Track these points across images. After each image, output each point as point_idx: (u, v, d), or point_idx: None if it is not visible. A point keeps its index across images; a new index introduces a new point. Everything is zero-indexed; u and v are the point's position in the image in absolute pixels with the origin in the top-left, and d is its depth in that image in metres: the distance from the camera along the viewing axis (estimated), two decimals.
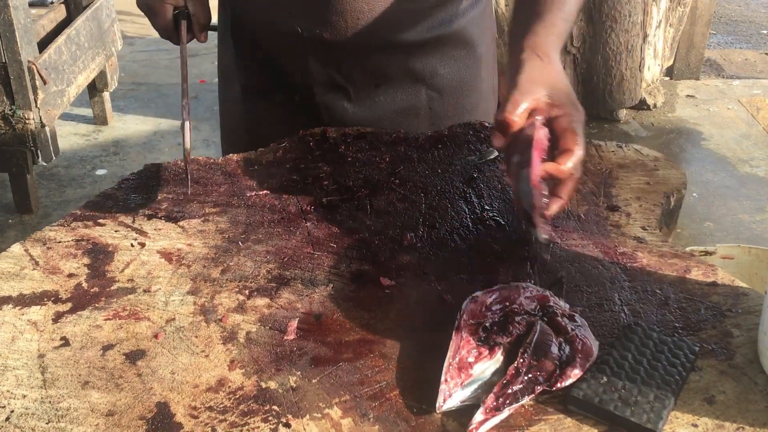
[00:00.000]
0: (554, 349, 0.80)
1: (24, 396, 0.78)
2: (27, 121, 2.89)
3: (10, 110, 2.86)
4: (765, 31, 5.68)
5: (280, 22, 1.27)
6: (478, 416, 0.74)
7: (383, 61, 1.28)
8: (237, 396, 0.78)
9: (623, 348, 0.82)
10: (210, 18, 1.27)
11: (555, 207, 0.93)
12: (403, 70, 1.30)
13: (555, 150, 0.93)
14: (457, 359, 0.80)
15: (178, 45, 1.24)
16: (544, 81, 0.96)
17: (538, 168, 0.91)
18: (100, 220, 1.08)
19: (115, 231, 1.06)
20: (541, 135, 0.93)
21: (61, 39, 3.10)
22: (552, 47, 1.01)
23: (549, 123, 0.95)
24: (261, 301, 0.92)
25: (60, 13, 3.37)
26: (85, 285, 0.95)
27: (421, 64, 1.30)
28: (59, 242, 1.03)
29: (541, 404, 0.78)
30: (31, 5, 3.11)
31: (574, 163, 0.92)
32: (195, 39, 1.27)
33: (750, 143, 3.91)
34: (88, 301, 0.92)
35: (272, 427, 0.75)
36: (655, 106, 4.20)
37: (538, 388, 0.77)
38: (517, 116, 0.93)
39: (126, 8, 4.41)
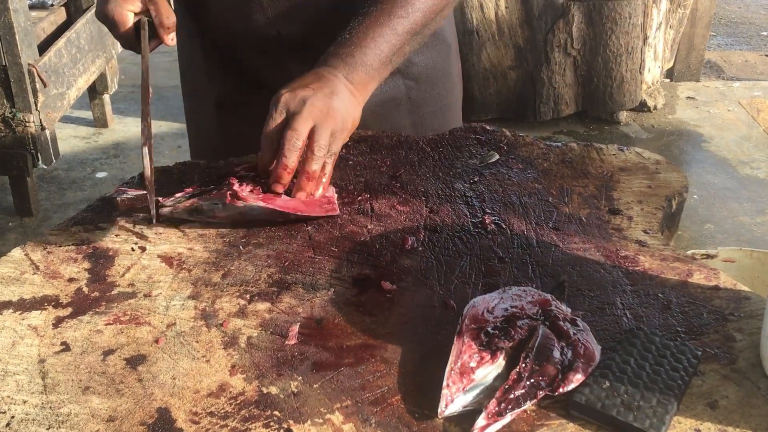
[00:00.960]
0: (556, 354, 0.80)
1: (24, 401, 0.78)
2: (27, 124, 2.89)
3: (10, 113, 2.86)
4: (765, 33, 5.68)
5: (260, 29, 1.27)
6: (480, 421, 0.74)
7: None
8: (238, 401, 0.78)
9: (625, 352, 0.82)
10: (174, 19, 1.20)
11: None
12: None
13: None
14: (458, 364, 0.79)
15: (140, 53, 1.17)
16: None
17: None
18: (101, 225, 1.08)
19: (116, 235, 1.05)
20: None
21: (61, 42, 3.10)
22: (345, 64, 1.10)
23: None
24: (262, 306, 0.92)
25: (60, 15, 3.37)
26: (85, 289, 0.95)
27: None
28: (60, 246, 1.03)
29: (543, 409, 0.77)
30: (31, 8, 3.11)
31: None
32: (162, 43, 1.20)
33: (750, 145, 3.91)
34: (88, 306, 0.92)
35: None
36: (655, 108, 4.19)
37: (541, 393, 0.77)
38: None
39: None
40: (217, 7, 1.31)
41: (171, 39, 1.20)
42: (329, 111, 1.06)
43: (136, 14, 1.17)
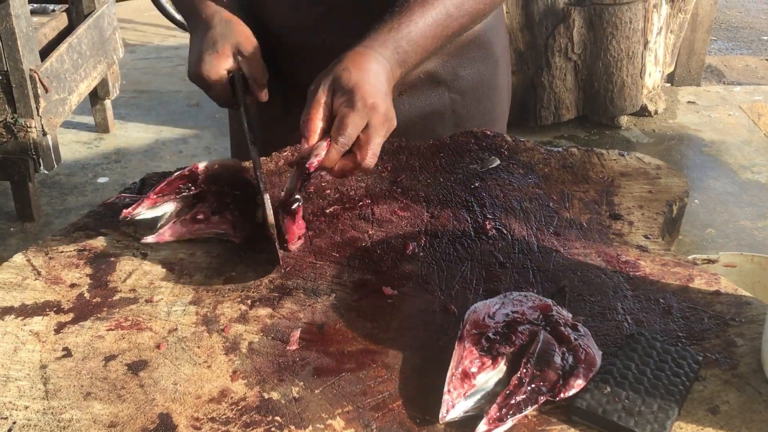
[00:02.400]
0: (557, 359, 0.80)
1: (26, 407, 0.78)
2: (29, 130, 2.89)
3: (11, 118, 2.86)
4: (766, 38, 5.69)
5: (303, 35, 1.26)
6: (482, 427, 0.74)
7: None
8: (239, 407, 0.78)
9: (626, 358, 0.82)
10: (267, 74, 1.22)
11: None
12: (425, 75, 1.30)
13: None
14: (460, 369, 0.79)
15: (239, 109, 1.18)
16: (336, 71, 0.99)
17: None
18: (102, 230, 1.08)
19: (117, 241, 1.05)
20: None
21: (62, 47, 3.11)
22: (392, 50, 1.03)
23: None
24: (263, 311, 0.92)
25: (62, 21, 3.37)
26: (87, 295, 0.95)
27: (443, 68, 1.31)
28: (61, 252, 1.03)
29: (544, 414, 0.77)
30: (32, 13, 3.12)
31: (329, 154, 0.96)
32: (257, 99, 1.22)
33: (751, 149, 3.91)
34: (90, 312, 0.92)
35: None
36: (656, 112, 4.19)
37: (542, 399, 0.77)
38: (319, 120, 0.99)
39: (127, 16, 4.41)
40: (272, 5, 1.30)
41: (264, 94, 1.22)
42: (386, 117, 1.00)
43: (229, 71, 1.19)
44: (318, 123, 0.98)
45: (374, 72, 1.00)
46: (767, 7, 6.32)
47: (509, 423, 0.75)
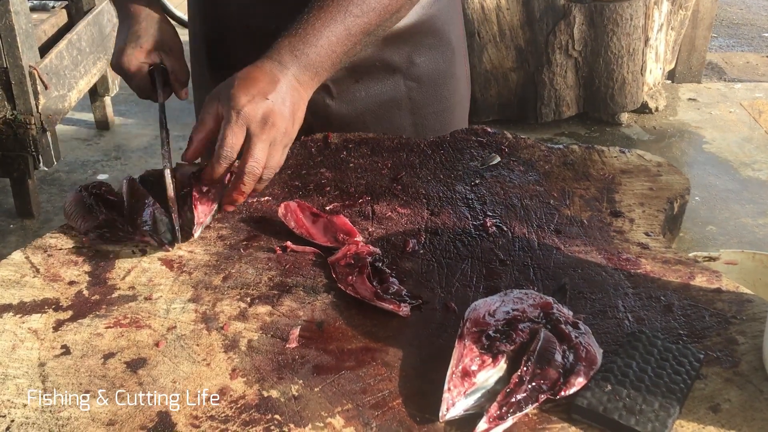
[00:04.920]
0: (558, 357, 0.80)
1: (24, 405, 0.78)
2: (28, 126, 2.88)
3: (11, 115, 2.86)
4: (766, 34, 5.68)
5: (255, 25, 1.26)
6: (482, 425, 0.74)
7: (360, 56, 1.28)
8: (239, 405, 0.78)
9: (627, 356, 0.82)
10: (188, 73, 1.28)
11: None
12: (380, 63, 1.32)
13: None
14: (460, 368, 0.79)
15: (158, 102, 1.23)
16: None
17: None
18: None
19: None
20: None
21: (62, 44, 3.10)
22: (293, 56, 1.03)
23: None
24: (263, 309, 0.92)
25: (61, 17, 3.37)
26: (85, 293, 0.95)
27: (397, 55, 1.32)
28: (60, 249, 1.03)
29: (545, 413, 0.77)
30: (32, 10, 3.11)
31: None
32: (175, 96, 1.27)
33: (752, 146, 3.90)
34: (88, 309, 0.92)
35: None
36: (656, 109, 4.19)
37: (542, 397, 0.77)
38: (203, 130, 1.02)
39: None
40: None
41: (184, 92, 1.28)
42: (287, 131, 1.01)
43: (150, 65, 1.24)
44: (201, 139, 1.02)
45: (256, 80, 1.00)
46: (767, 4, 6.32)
47: (510, 421, 0.75)
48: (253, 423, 0.76)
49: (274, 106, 0.99)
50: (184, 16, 4.32)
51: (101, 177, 3.55)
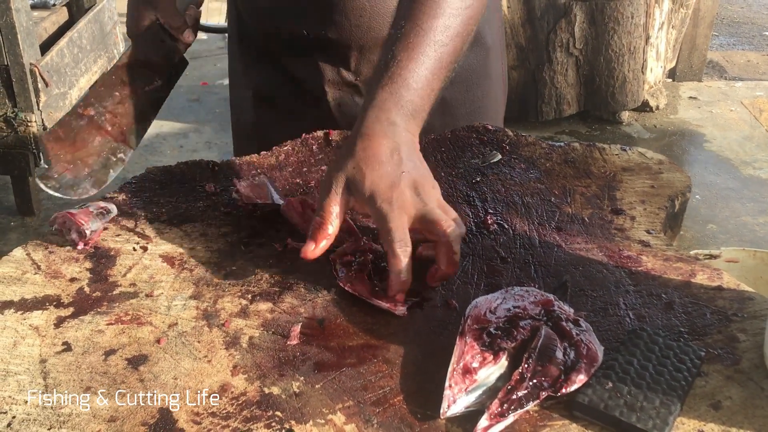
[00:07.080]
0: (559, 354, 0.80)
1: (25, 402, 0.78)
2: (29, 124, 2.89)
3: (12, 113, 2.86)
4: (767, 33, 5.68)
5: (286, 27, 1.28)
6: (483, 422, 0.74)
7: None
8: (240, 402, 0.78)
9: (628, 353, 0.82)
10: (182, 19, 1.31)
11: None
12: None
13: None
14: (461, 364, 0.79)
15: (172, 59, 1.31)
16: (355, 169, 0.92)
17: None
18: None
19: (117, 235, 1.05)
20: None
21: (63, 41, 3.10)
22: (399, 107, 0.95)
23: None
24: (264, 306, 0.92)
25: (62, 15, 3.37)
26: (87, 289, 0.95)
27: None
28: (61, 246, 1.03)
29: (546, 410, 0.77)
30: (33, 8, 3.11)
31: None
32: (182, 44, 1.32)
33: (753, 145, 3.90)
34: (90, 306, 0.92)
35: None
36: (657, 107, 4.19)
37: (543, 394, 0.77)
38: (331, 225, 0.93)
39: None
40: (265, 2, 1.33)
41: (187, 34, 1.32)
42: (430, 182, 0.95)
43: (149, 26, 1.30)
44: (330, 240, 0.94)
45: (378, 156, 0.92)
46: None
47: (510, 418, 0.75)
48: (255, 420, 0.76)
49: (410, 174, 0.92)
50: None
51: None
